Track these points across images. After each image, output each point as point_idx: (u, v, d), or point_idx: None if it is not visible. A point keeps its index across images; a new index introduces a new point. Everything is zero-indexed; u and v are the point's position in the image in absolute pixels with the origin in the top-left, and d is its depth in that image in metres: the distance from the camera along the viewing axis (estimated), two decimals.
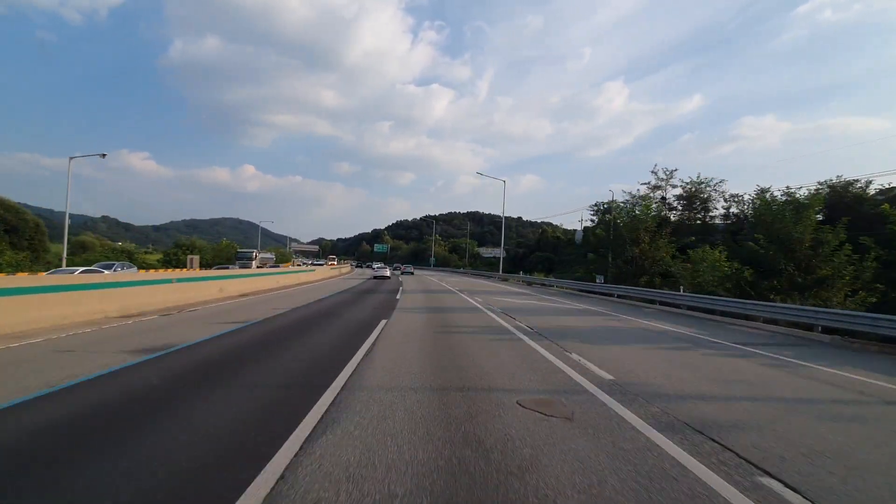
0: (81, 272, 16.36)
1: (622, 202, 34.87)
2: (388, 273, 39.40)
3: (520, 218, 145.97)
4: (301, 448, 3.25)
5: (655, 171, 42.23)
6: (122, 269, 22.91)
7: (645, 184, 41.98)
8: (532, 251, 73.43)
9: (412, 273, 58.49)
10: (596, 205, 41.03)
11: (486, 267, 72.45)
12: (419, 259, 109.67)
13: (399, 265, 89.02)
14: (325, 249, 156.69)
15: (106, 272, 16.71)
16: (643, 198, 34.57)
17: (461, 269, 73.86)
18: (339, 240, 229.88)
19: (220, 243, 64.35)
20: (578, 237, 61.58)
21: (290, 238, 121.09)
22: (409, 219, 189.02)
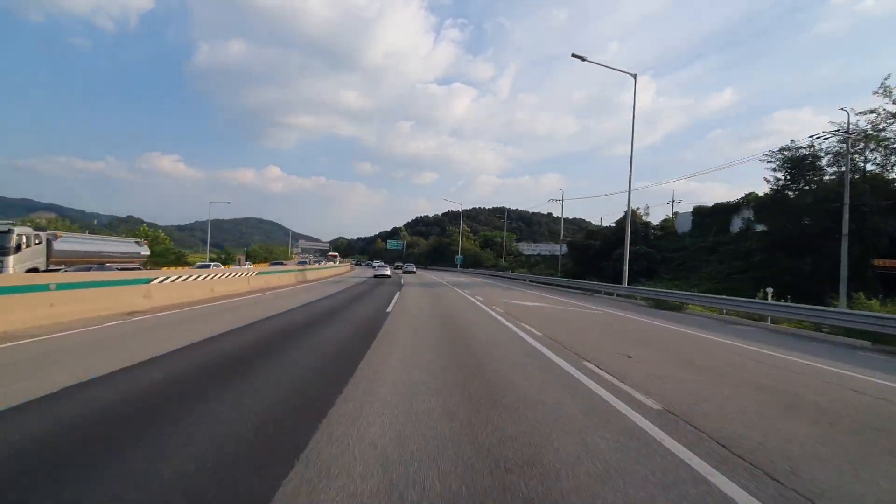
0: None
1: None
2: (388, 272, 39.07)
3: (550, 214, 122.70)
4: None
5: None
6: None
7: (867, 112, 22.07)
8: (612, 246, 38.39)
9: (414, 272, 55.00)
10: (788, 148, 24.17)
11: (525, 268, 55.72)
12: (442, 257, 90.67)
13: (400, 264, 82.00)
14: (341, 248, 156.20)
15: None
16: None
17: (505, 271, 53.19)
18: (358, 239, 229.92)
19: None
20: (684, 223, 46.55)
21: (291, 234, 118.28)
22: (430, 215, 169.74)
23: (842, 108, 26.88)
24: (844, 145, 20.27)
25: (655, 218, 51.95)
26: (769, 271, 21.49)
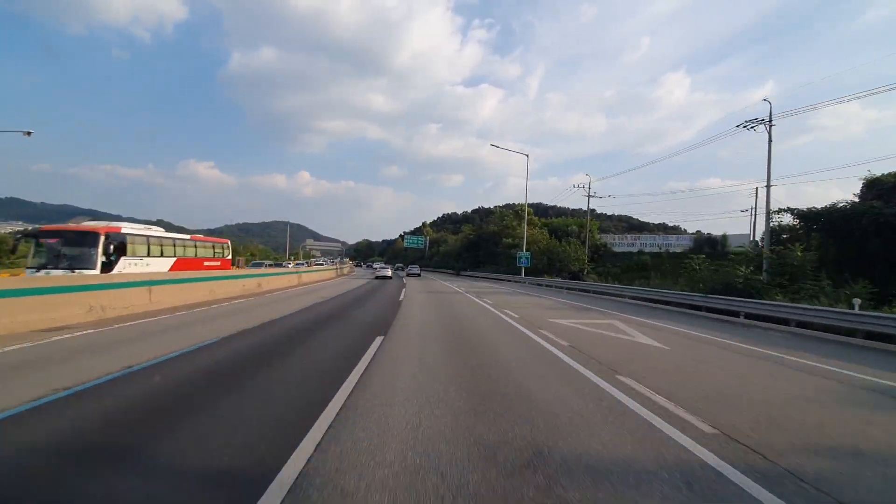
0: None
1: None
2: (389, 273, 37.65)
3: (602, 213, 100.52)
4: None
5: None
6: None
7: None
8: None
9: (418, 275, 48.12)
10: None
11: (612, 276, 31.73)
12: (488, 258, 55.64)
13: (401, 265, 72.96)
14: (362, 249, 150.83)
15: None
16: None
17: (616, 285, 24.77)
18: (382, 241, 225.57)
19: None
20: None
21: (288, 232, 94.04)
22: (459, 212, 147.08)
23: None
24: None
25: None
26: None
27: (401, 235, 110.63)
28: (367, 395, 4.45)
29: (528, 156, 34.19)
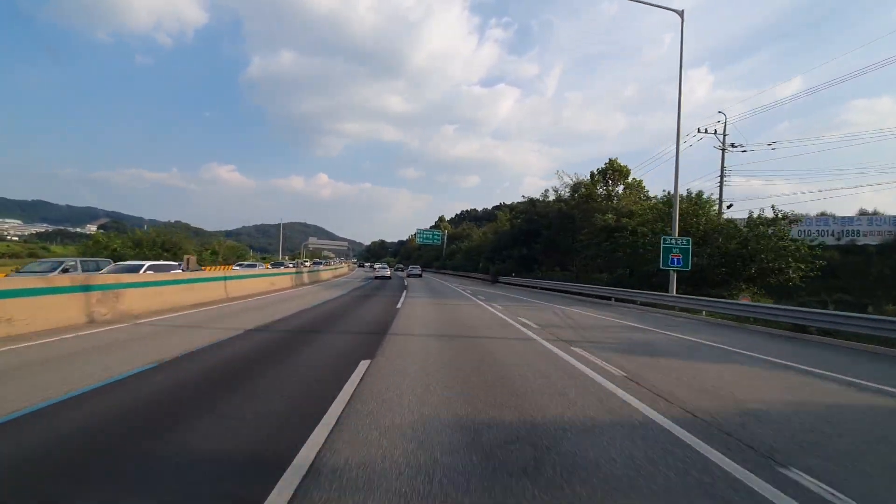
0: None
1: None
2: (388, 273, 35.47)
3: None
4: None
5: None
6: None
7: None
8: None
9: (420, 275, 43.48)
10: None
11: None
12: (535, 257, 35.55)
13: (402, 265, 67.54)
14: (374, 249, 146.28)
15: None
16: None
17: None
18: (398, 241, 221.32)
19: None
20: None
21: (281, 232, 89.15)
22: (479, 208, 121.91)
23: None
24: None
25: None
26: None
27: (416, 233, 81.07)
28: None
29: (682, 13, 13.58)
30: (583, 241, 27.30)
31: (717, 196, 26.04)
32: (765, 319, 12.18)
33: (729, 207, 25.79)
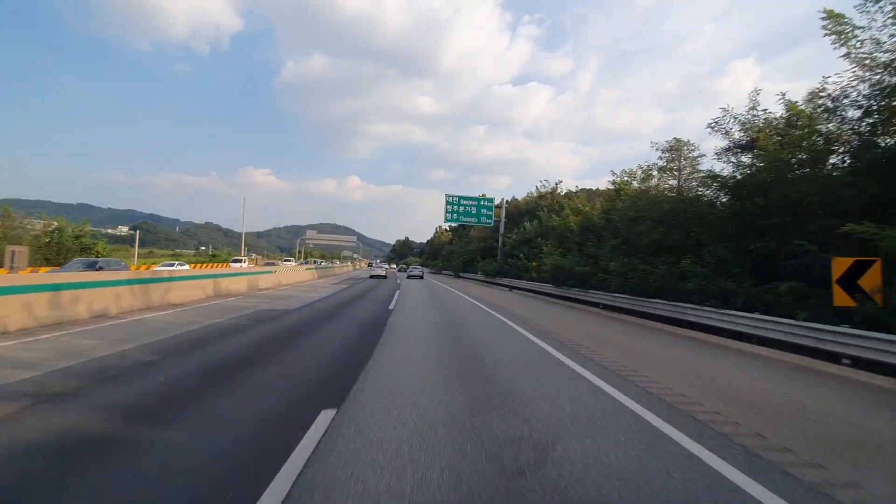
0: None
1: None
2: (383, 272, 34.51)
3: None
4: None
5: None
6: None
7: None
8: None
9: (421, 277, 37.86)
10: None
11: None
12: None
13: (403, 266, 63.61)
14: (398, 249, 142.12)
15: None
16: None
17: None
18: (426, 241, 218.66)
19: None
20: None
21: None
22: (519, 197, 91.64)
23: None
24: None
25: None
26: None
27: (446, 209, 42.33)
28: None
29: None
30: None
31: None
32: None
33: None
